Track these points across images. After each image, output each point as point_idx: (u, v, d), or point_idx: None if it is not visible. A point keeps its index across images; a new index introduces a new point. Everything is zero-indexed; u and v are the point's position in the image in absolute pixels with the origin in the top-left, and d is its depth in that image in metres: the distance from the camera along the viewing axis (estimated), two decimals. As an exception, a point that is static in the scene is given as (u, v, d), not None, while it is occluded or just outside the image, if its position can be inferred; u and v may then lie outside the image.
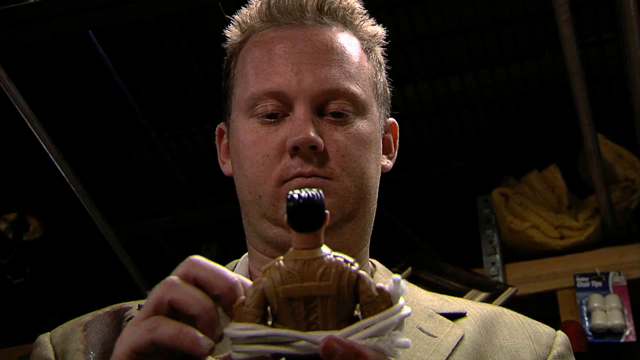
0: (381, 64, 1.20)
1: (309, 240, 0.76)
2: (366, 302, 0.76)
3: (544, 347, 1.11)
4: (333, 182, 1.08)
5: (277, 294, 0.75)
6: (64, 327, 1.14)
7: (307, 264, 0.75)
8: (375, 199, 1.16)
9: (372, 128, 1.13)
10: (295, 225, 0.76)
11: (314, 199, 0.75)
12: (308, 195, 0.75)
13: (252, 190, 1.10)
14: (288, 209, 0.75)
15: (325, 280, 0.75)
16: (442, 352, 1.04)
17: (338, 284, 0.75)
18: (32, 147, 2.62)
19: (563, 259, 2.84)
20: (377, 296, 0.76)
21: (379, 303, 0.76)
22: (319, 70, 1.10)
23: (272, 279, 0.76)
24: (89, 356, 1.08)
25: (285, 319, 0.76)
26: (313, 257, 0.76)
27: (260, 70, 1.12)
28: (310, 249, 0.76)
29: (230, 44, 1.20)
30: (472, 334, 1.08)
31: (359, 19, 1.18)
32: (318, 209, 0.75)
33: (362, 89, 1.12)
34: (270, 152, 1.08)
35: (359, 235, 1.13)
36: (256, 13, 1.17)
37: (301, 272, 0.75)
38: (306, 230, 0.76)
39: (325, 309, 0.75)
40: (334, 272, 0.75)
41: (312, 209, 0.75)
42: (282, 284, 0.75)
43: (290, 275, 0.75)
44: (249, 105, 1.11)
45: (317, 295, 0.75)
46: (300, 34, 1.13)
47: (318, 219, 0.75)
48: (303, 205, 0.75)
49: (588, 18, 2.75)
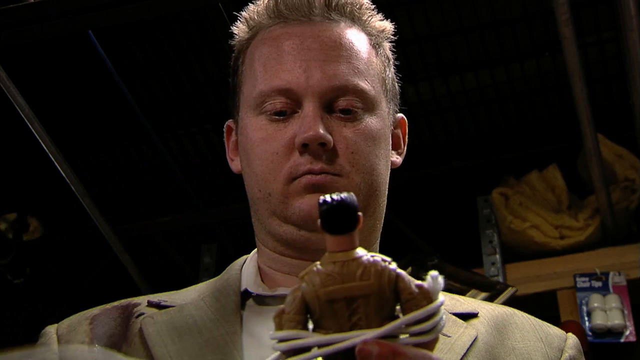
0: (390, 60, 1.20)
1: (344, 242, 0.75)
2: (407, 299, 0.76)
3: (556, 350, 1.10)
4: (343, 179, 1.08)
5: (319, 297, 0.75)
6: (70, 320, 1.14)
7: (346, 265, 0.75)
8: (385, 195, 1.15)
9: (381, 124, 1.12)
10: (330, 228, 0.75)
11: (347, 201, 0.75)
12: (340, 197, 0.75)
13: (261, 187, 1.09)
14: (321, 212, 0.75)
15: (366, 280, 0.75)
16: (456, 352, 1.03)
17: (379, 282, 0.75)
18: (32, 147, 2.62)
19: (563, 259, 2.84)
20: (418, 293, 0.76)
21: (419, 300, 0.76)
22: (328, 66, 1.10)
23: (312, 283, 0.75)
24: (93, 349, 1.08)
25: (328, 322, 0.75)
26: (350, 258, 0.75)
27: (269, 67, 1.11)
28: (346, 250, 0.76)
29: (238, 40, 1.19)
30: (484, 335, 1.08)
31: (367, 14, 1.18)
32: (351, 210, 0.75)
33: (371, 85, 1.12)
34: (279, 150, 1.08)
35: (369, 232, 1.13)
36: (264, 10, 1.16)
37: (341, 274, 0.75)
38: (341, 232, 0.75)
39: (368, 308, 0.75)
40: (374, 271, 0.75)
41: (346, 211, 0.75)
42: (322, 286, 0.75)
43: (330, 277, 0.75)
44: (258, 102, 1.11)
45: (359, 295, 0.74)
46: (308, 30, 1.12)
47: (352, 220, 0.75)
48: (336, 207, 0.74)
49: (588, 18, 2.75)
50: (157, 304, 1.12)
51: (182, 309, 1.10)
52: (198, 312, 1.09)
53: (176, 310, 1.10)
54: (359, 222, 0.75)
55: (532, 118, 3.03)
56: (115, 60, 2.74)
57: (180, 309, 1.10)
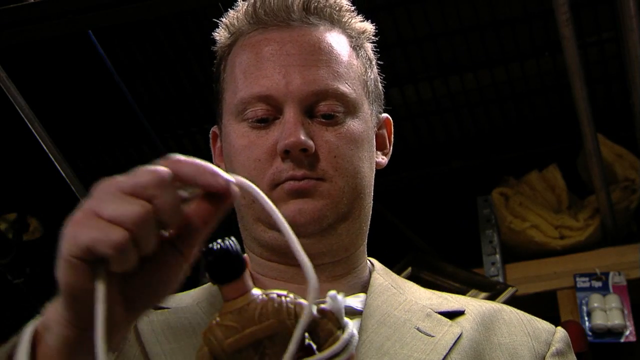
0: (371, 61, 1.19)
1: (236, 288, 0.75)
2: (312, 327, 0.75)
3: (543, 344, 1.10)
4: (326, 183, 1.08)
5: (225, 351, 0.74)
6: None
7: (242, 311, 0.75)
8: (371, 197, 1.15)
9: (363, 126, 1.12)
10: (218, 278, 0.75)
11: (228, 249, 0.75)
12: (221, 246, 0.74)
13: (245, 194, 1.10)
14: (207, 265, 0.75)
15: (265, 320, 0.74)
16: (439, 352, 1.04)
17: (279, 319, 0.74)
18: (32, 147, 2.62)
19: (563, 259, 2.83)
20: (321, 317, 0.75)
21: (324, 324, 0.75)
22: (307, 71, 1.09)
23: (215, 338, 0.75)
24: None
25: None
26: (246, 302, 0.75)
27: (249, 74, 1.11)
28: (240, 296, 0.75)
29: (220, 46, 1.19)
30: (470, 332, 1.08)
31: (347, 16, 1.17)
32: (235, 257, 0.75)
33: (352, 88, 1.11)
34: (261, 156, 1.08)
35: (355, 235, 1.13)
36: (243, 15, 1.16)
37: (239, 321, 0.74)
38: (229, 281, 0.75)
39: (275, 347, 0.74)
40: (272, 309, 0.74)
41: (229, 259, 0.75)
42: (225, 339, 0.74)
43: (230, 328, 0.74)
44: (239, 109, 1.11)
45: (263, 338, 0.74)
46: (287, 35, 1.12)
47: (238, 266, 0.75)
48: (219, 257, 0.74)
49: (588, 18, 2.75)
50: None
51: (177, 311, 1.10)
52: (193, 315, 1.09)
53: (171, 312, 1.10)
54: (245, 266, 0.75)
55: (532, 118, 3.03)
56: (115, 60, 2.74)
57: (175, 310, 1.10)
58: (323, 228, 1.08)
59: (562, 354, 1.11)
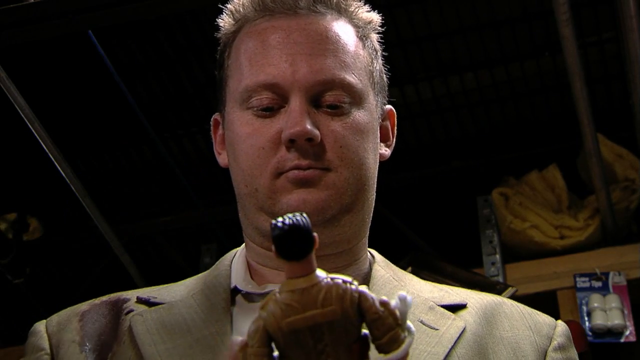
0: (377, 51, 1.18)
1: (302, 267, 0.73)
2: (373, 319, 0.74)
3: (544, 338, 1.10)
4: (331, 174, 1.07)
5: (281, 329, 0.72)
6: (59, 316, 1.14)
7: (306, 292, 0.72)
8: (374, 189, 1.14)
9: (369, 117, 1.11)
10: (285, 254, 0.72)
11: (300, 224, 0.71)
12: (293, 221, 0.71)
13: (248, 183, 1.08)
14: (274, 238, 0.71)
15: (328, 306, 0.72)
16: (444, 345, 1.03)
17: (342, 307, 0.73)
18: (32, 147, 2.62)
19: (563, 259, 2.84)
20: (383, 311, 0.74)
21: (385, 318, 0.74)
22: (314, 60, 1.08)
23: (273, 314, 0.73)
24: (84, 348, 1.08)
25: (293, 352, 0.73)
26: (310, 284, 0.73)
27: (254, 62, 1.10)
28: (305, 275, 0.73)
29: (224, 33, 1.17)
30: (473, 326, 1.08)
31: (354, 6, 1.16)
32: (306, 233, 0.72)
33: (358, 78, 1.11)
34: (265, 145, 1.07)
35: (357, 227, 1.12)
36: (249, 2, 1.14)
37: (301, 302, 0.72)
38: (297, 258, 0.72)
39: (333, 334, 0.73)
40: (335, 295, 0.73)
41: (300, 235, 0.72)
42: (284, 317, 0.72)
43: (291, 307, 0.72)
44: (244, 97, 1.10)
45: (323, 323, 0.72)
46: (294, 23, 1.11)
47: (308, 244, 0.72)
48: (290, 232, 0.71)
49: (588, 18, 2.75)
50: (146, 301, 1.11)
51: (171, 307, 1.09)
52: (188, 310, 1.08)
53: (166, 308, 1.09)
54: (314, 244, 0.73)
55: (532, 118, 3.03)
56: (115, 60, 2.74)
57: (169, 306, 1.09)
58: (326, 219, 1.07)
59: (564, 348, 1.11)
